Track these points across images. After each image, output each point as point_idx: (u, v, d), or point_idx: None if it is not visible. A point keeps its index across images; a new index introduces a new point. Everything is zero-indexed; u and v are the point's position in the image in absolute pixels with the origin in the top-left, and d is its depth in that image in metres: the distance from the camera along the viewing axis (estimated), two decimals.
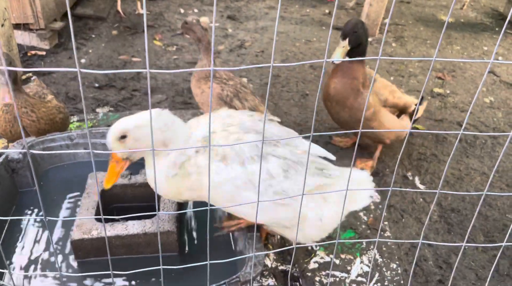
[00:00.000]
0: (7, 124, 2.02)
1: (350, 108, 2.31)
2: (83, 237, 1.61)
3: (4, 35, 2.96)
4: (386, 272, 1.94)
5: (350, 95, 2.29)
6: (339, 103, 2.33)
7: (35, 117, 2.05)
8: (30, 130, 2.08)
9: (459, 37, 4.92)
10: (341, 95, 2.30)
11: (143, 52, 3.93)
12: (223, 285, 1.38)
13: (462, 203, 2.41)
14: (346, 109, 2.32)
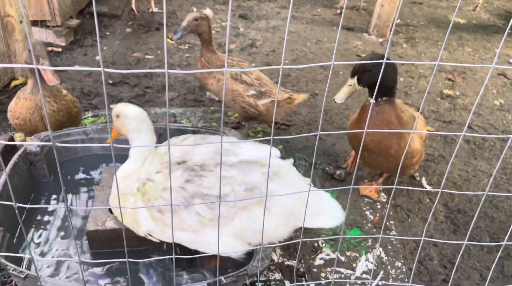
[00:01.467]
0: (28, 111, 2.09)
1: (395, 157, 2.06)
2: (98, 228, 1.68)
3: (22, 32, 3.04)
4: (391, 270, 1.98)
5: (392, 144, 2.03)
6: (382, 154, 2.07)
7: (56, 108, 2.13)
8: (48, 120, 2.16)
9: (470, 39, 4.90)
10: (383, 145, 2.03)
11: (156, 49, 4.00)
12: (231, 277, 1.44)
13: (468, 204, 2.43)
14: (391, 159, 2.07)
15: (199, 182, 1.49)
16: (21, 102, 2.11)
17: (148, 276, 1.72)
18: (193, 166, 1.52)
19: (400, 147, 2.03)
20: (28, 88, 2.09)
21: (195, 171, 1.51)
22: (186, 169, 1.52)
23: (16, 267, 1.41)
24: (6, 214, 1.69)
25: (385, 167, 2.19)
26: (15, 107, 2.14)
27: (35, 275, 1.39)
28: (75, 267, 1.69)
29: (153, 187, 1.54)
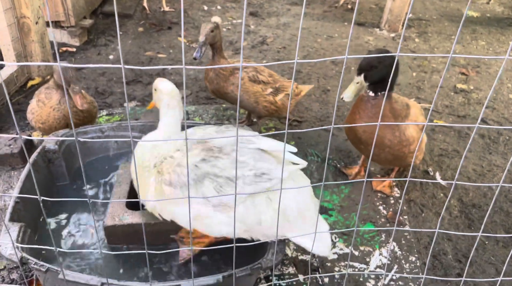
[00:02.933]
0: (55, 120, 2.22)
1: (390, 147, 2.07)
2: (115, 223, 1.72)
3: (38, 33, 3.10)
4: (405, 264, 1.98)
5: (386, 134, 2.04)
6: (376, 145, 2.07)
7: (81, 116, 2.25)
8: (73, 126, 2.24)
9: (484, 32, 4.84)
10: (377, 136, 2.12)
11: (168, 48, 4.04)
12: (246, 270, 1.46)
13: (483, 199, 2.41)
14: (387, 149, 2.08)
15: (214, 162, 1.52)
16: (47, 110, 2.20)
17: (166, 268, 1.75)
18: (212, 147, 1.57)
19: (395, 136, 2.05)
20: (55, 99, 2.19)
21: (212, 151, 1.55)
22: (205, 148, 1.57)
23: (37, 261, 1.45)
24: (27, 210, 1.74)
25: (383, 158, 2.17)
26: (40, 113, 2.22)
27: (56, 268, 1.43)
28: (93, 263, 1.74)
29: (169, 162, 1.58)
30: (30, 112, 2.27)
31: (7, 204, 2.10)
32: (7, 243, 1.47)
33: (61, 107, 2.19)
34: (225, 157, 1.54)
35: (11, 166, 2.35)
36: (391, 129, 2.04)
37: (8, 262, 1.80)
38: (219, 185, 1.50)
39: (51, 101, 2.19)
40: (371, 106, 2.02)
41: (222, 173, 1.51)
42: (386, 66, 1.92)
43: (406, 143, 2.07)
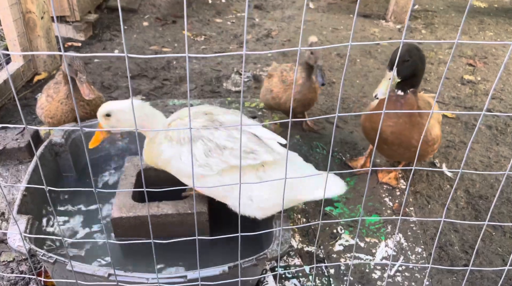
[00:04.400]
0: (63, 114, 2.23)
1: (416, 147, 2.02)
2: (122, 215, 1.73)
3: (43, 27, 3.12)
4: (411, 255, 1.98)
5: (413, 134, 2.00)
6: (403, 145, 2.04)
7: (89, 109, 2.25)
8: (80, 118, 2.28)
9: (492, 23, 4.78)
10: (404, 137, 2.01)
11: (173, 42, 4.04)
12: (252, 261, 1.46)
13: (490, 190, 2.39)
14: (413, 149, 2.04)
15: (212, 131, 1.64)
16: (56, 105, 2.22)
17: (172, 259, 1.77)
18: (215, 120, 1.68)
19: (420, 136, 2.00)
20: (62, 93, 2.20)
21: (214, 123, 1.67)
22: (209, 119, 1.68)
23: (45, 252, 1.47)
24: (34, 203, 1.75)
25: (406, 157, 2.16)
26: (49, 108, 2.24)
27: (64, 260, 1.45)
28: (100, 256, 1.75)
29: (176, 122, 1.71)
30: (39, 108, 2.29)
31: (15, 198, 2.12)
32: (15, 235, 1.49)
33: (68, 101, 2.20)
34: (223, 130, 1.64)
35: (19, 160, 2.38)
36: (418, 129, 1.99)
37: (17, 254, 1.82)
38: (208, 149, 1.61)
39: (59, 95, 2.21)
40: (400, 105, 1.97)
41: (215, 139, 1.61)
42: (416, 60, 1.91)
43: (432, 143, 2.08)
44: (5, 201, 2.05)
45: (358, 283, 1.82)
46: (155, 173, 1.98)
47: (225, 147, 1.61)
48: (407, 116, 1.97)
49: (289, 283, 1.79)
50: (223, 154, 1.61)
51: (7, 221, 2.02)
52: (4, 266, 1.81)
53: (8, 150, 2.32)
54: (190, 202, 1.81)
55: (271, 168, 1.65)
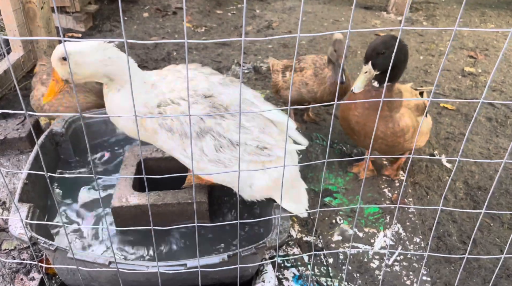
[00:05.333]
0: (66, 109, 2.25)
1: (383, 138, 2.03)
2: (122, 205, 1.74)
3: (43, 18, 3.11)
4: (409, 245, 1.99)
5: (378, 126, 1.99)
6: (368, 136, 2.05)
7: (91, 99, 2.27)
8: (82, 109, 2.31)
9: (493, 15, 4.75)
10: (368, 128, 2.02)
11: (174, 33, 4.03)
12: (251, 249, 1.48)
13: (489, 182, 2.40)
14: (380, 140, 2.05)
15: (219, 120, 1.51)
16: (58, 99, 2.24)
17: (172, 248, 1.78)
18: (218, 105, 1.53)
19: (387, 128, 1.99)
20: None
21: (218, 109, 1.52)
22: (211, 104, 1.52)
23: (46, 240, 1.48)
24: (35, 191, 1.77)
25: (377, 148, 2.14)
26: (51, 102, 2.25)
27: (65, 247, 1.46)
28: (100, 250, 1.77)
29: (174, 108, 1.50)
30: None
31: (15, 187, 2.13)
32: (17, 223, 1.50)
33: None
34: (230, 118, 1.52)
35: (19, 150, 2.39)
36: (384, 120, 1.97)
37: (18, 242, 1.84)
38: (220, 144, 1.51)
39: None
40: (370, 97, 1.96)
41: (226, 134, 1.50)
42: (392, 52, 1.85)
43: (401, 134, 2.02)
44: (8, 189, 2.06)
45: (356, 272, 1.84)
46: (156, 163, 1.99)
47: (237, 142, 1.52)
48: (374, 108, 1.94)
49: (288, 272, 1.81)
50: (236, 150, 1.53)
51: (8, 210, 2.04)
52: (5, 254, 1.83)
53: (8, 140, 2.33)
54: (190, 191, 1.82)
55: (275, 162, 1.62)
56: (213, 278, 1.64)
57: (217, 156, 1.53)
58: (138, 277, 1.54)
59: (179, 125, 1.50)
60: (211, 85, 1.57)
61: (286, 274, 1.80)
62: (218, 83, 1.59)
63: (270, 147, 1.56)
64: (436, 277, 1.84)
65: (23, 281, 1.71)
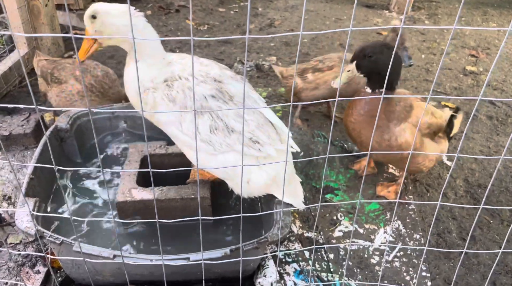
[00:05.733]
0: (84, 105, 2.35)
1: (378, 150, 1.97)
2: (126, 199, 1.77)
3: (47, 15, 3.13)
4: (409, 242, 2.01)
5: (374, 136, 1.92)
6: (363, 145, 2.01)
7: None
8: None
9: (495, 14, 4.76)
10: (364, 136, 1.97)
11: (176, 31, 4.05)
12: (253, 244, 1.50)
13: (489, 179, 2.42)
14: (375, 150, 1.97)
15: (221, 104, 1.53)
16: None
17: (176, 242, 1.81)
18: (224, 91, 1.56)
19: (383, 139, 1.92)
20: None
21: (223, 94, 1.55)
22: (219, 88, 1.55)
23: (52, 233, 1.51)
24: (41, 186, 1.80)
25: (375, 158, 2.12)
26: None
27: (70, 241, 1.49)
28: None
29: (181, 83, 1.52)
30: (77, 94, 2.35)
31: (21, 182, 2.16)
32: (23, 216, 1.53)
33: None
34: (232, 106, 1.54)
35: (24, 146, 2.41)
36: (380, 130, 1.91)
37: (23, 236, 1.87)
38: (215, 126, 1.52)
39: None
40: (365, 103, 1.90)
41: (224, 118, 1.52)
42: (381, 59, 1.80)
43: (398, 149, 1.93)
44: (16, 182, 2.09)
45: (356, 268, 1.86)
46: (159, 159, 2.02)
47: (234, 130, 1.54)
48: (369, 115, 1.89)
49: (289, 267, 1.84)
50: (230, 136, 1.54)
51: (13, 205, 2.06)
52: (11, 248, 1.85)
53: (14, 136, 2.36)
54: (193, 187, 1.85)
55: (272, 160, 1.64)
56: (215, 272, 1.67)
57: (209, 137, 1.53)
58: (141, 270, 1.57)
59: (182, 98, 1.51)
60: (223, 74, 1.62)
61: (287, 269, 1.83)
62: (229, 76, 1.64)
63: (262, 143, 1.58)
64: (436, 273, 1.86)
65: (29, 274, 1.74)
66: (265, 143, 1.59)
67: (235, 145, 1.56)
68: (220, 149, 1.56)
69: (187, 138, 1.55)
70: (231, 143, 1.55)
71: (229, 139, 1.54)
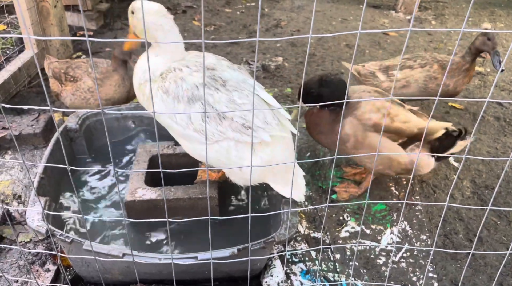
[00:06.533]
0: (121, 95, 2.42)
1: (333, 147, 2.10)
2: (135, 199, 1.79)
3: (56, 16, 3.17)
4: (416, 243, 2.01)
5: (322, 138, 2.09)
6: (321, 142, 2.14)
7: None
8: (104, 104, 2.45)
9: (503, 14, 4.73)
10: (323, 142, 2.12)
11: (183, 32, 4.07)
12: (260, 243, 1.51)
13: (496, 180, 2.41)
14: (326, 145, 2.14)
15: (212, 91, 1.54)
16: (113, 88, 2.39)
17: (184, 241, 1.83)
18: (217, 77, 1.57)
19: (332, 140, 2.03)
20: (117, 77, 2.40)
21: (215, 81, 1.56)
22: (211, 75, 1.57)
23: (62, 232, 1.53)
24: (51, 185, 1.82)
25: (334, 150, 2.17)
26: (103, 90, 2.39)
27: (80, 239, 1.51)
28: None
29: (175, 74, 1.57)
30: (88, 91, 2.39)
31: (31, 181, 2.19)
32: (34, 215, 1.55)
33: (125, 83, 2.39)
34: (224, 93, 1.54)
35: (34, 146, 2.44)
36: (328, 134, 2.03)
37: (34, 235, 1.90)
38: (206, 115, 1.52)
39: (113, 79, 2.37)
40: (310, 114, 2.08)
41: (215, 105, 1.52)
42: (323, 91, 1.92)
43: (340, 141, 1.98)
44: (26, 181, 2.12)
45: (363, 268, 1.87)
46: (167, 159, 2.04)
47: (225, 116, 1.53)
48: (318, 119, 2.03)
49: (295, 267, 1.85)
50: (222, 123, 1.54)
51: (24, 204, 2.09)
52: (21, 246, 1.88)
53: (23, 136, 2.39)
54: (201, 187, 1.86)
55: (267, 145, 1.62)
56: (222, 272, 1.68)
57: (202, 126, 1.53)
58: (150, 269, 1.59)
59: (174, 88, 1.54)
60: (218, 63, 1.64)
61: (294, 269, 1.84)
62: (226, 66, 1.65)
63: (256, 128, 1.56)
64: (442, 274, 1.86)
65: (39, 272, 1.76)
66: (258, 128, 1.57)
67: (227, 132, 1.54)
68: (213, 138, 1.56)
69: (180, 128, 1.57)
70: (223, 130, 1.54)
71: (221, 127, 1.54)
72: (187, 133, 1.59)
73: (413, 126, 1.94)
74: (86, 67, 2.42)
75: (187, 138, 1.62)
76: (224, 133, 1.55)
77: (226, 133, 1.55)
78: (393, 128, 1.93)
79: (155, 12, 1.54)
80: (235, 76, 1.61)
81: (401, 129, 1.93)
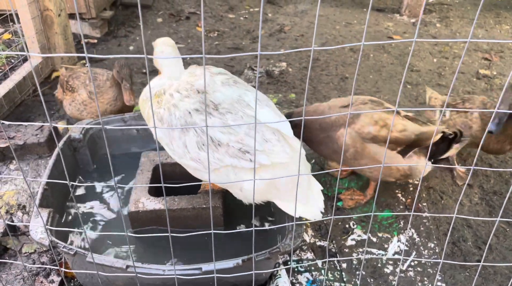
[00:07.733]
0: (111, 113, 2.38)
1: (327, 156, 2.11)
2: (139, 209, 1.78)
3: (60, 25, 3.18)
4: (424, 250, 1.98)
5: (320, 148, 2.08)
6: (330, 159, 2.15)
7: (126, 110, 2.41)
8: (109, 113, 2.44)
9: (508, 16, 4.69)
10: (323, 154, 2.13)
11: (187, 38, 4.08)
12: (265, 254, 1.49)
13: (505, 186, 2.38)
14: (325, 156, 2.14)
15: (204, 117, 1.51)
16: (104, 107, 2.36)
17: (187, 252, 1.81)
18: (209, 101, 1.55)
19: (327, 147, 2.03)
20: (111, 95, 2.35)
21: (207, 106, 1.54)
22: (201, 100, 1.54)
23: (65, 244, 1.52)
24: (54, 196, 1.81)
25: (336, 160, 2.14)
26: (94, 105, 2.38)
27: (84, 252, 1.50)
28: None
29: (167, 99, 1.59)
30: (81, 104, 2.38)
31: (35, 191, 2.19)
32: (37, 227, 1.55)
33: (116, 103, 2.35)
34: (217, 117, 1.52)
35: (38, 155, 2.44)
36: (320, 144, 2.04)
37: (38, 245, 1.89)
38: (202, 142, 1.50)
39: (106, 96, 2.34)
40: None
41: (209, 131, 1.49)
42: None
43: (340, 150, 1.96)
44: (30, 192, 2.12)
45: (370, 278, 1.84)
46: (171, 168, 2.03)
47: (220, 143, 1.49)
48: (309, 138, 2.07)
49: (301, 276, 1.82)
50: (218, 150, 1.50)
51: (28, 214, 2.09)
52: (26, 258, 1.88)
53: (28, 145, 2.39)
54: (205, 196, 1.85)
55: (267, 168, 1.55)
56: (227, 282, 1.66)
57: (198, 154, 1.52)
58: (154, 280, 1.57)
59: (168, 116, 1.56)
60: (211, 81, 1.63)
61: (299, 278, 1.81)
62: (220, 82, 1.63)
63: (253, 152, 1.49)
64: (451, 283, 1.83)
65: (43, 283, 1.75)
66: (256, 151, 1.51)
67: (225, 159, 1.50)
68: (211, 166, 1.51)
69: (177, 157, 1.61)
70: (220, 157, 1.50)
71: (218, 154, 1.51)
72: (184, 162, 1.61)
73: (410, 133, 1.92)
74: (85, 79, 2.41)
75: (186, 166, 1.65)
76: (221, 160, 1.51)
77: (223, 160, 1.51)
78: (391, 139, 1.92)
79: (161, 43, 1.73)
80: (229, 95, 1.57)
81: (399, 138, 1.92)
